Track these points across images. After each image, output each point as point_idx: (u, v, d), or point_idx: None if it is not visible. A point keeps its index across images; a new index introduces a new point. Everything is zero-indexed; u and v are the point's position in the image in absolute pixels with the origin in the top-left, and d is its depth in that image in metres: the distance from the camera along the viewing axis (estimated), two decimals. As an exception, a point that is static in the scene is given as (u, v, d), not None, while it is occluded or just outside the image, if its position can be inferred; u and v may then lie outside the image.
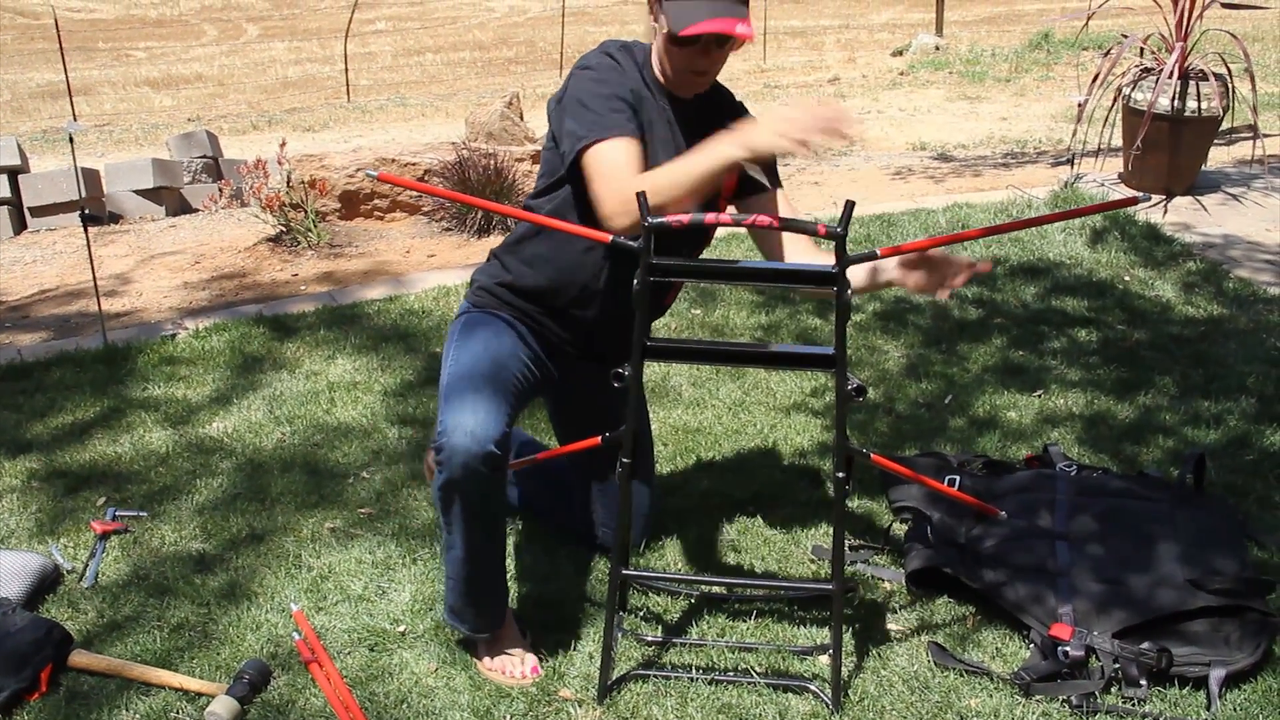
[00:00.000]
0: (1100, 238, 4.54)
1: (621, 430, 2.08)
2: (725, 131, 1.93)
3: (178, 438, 3.16)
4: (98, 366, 3.61)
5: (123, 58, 19.01)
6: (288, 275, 4.82)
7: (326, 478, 2.93)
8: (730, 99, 2.32)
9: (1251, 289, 4.05)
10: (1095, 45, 10.72)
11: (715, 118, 2.21)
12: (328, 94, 14.67)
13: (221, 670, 2.24)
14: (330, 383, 3.45)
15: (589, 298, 2.28)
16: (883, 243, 4.57)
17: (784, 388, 3.37)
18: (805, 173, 6.62)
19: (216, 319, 4.01)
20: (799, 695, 2.13)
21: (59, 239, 6.38)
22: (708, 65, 2.14)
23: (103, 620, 2.40)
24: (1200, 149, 5.08)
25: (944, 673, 2.18)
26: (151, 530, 2.72)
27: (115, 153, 10.23)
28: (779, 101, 1.85)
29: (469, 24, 22.09)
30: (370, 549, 2.61)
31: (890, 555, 2.56)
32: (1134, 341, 3.62)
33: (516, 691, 2.16)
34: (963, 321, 3.81)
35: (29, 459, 3.07)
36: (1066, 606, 2.25)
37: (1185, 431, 3.05)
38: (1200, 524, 2.45)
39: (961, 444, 3.02)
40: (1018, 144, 7.47)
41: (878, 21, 18.95)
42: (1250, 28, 11.46)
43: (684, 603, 2.42)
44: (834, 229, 1.89)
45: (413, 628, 2.35)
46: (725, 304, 3.98)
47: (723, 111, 2.27)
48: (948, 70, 11.55)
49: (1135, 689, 2.10)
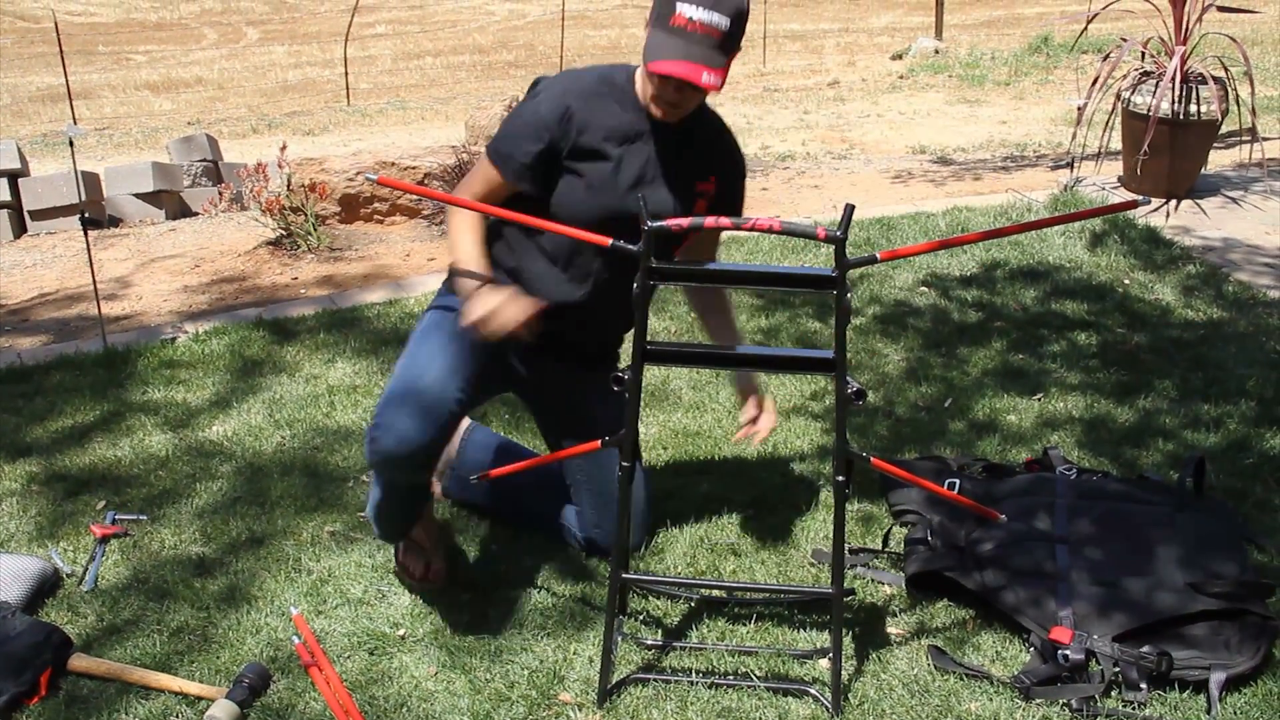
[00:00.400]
0: (1100, 241, 4.55)
1: (621, 434, 2.08)
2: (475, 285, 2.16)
3: (177, 441, 3.16)
4: (97, 370, 3.61)
5: (123, 61, 19.01)
6: (287, 279, 4.82)
7: (326, 481, 2.93)
8: (714, 132, 2.35)
9: (1251, 292, 4.05)
10: (1094, 49, 10.73)
11: (695, 147, 2.28)
12: (327, 97, 14.68)
13: (221, 674, 2.24)
14: (330, 386, 3.45)
15: (556, 310, 2.33)
16: (883, 246, 4.57)
17: (784, 391, 3.37)
18: (805, 176, 6.62)
19: (216, 322, 4.01)
20: (799, 699, 2.13)
21: (59, 242, 6.38)
22: (678, 100, 2.17)
23: (102, 624, 2.40)
24: (1200, 152, 5.08)
25: (944, 676, 2.18)
26: (151, 534, 2.72)
27: (115, 156, 10.24)
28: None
29: (469, 27, 22.11)
30: (370, 552, 2.61)
31: (890, 559, 2.56)
32: (1134, 345, 3.62)
33: (516, 695, 2.16)
34: (962, 325, 3.81)
35: (29, 462, 3.07)
36: (1066, 610, 2.25)
37: (1185, 435, 3.05)
38: (1200, 527, 2.45)
39: (961, 447, 3.02)
40: (1017, 147, 7.48)
41: (877, 25, 18.96)
42: (1249, 31, 11.47)
43: (684, 606, 2.42)
44: (834, 232, 1.89)
45: (412, 631, 2.35)
46: (725, 307, 3.98)
47: (706, 145, 2.32)
48: (947, 74, 11.56)
49: (1135, 692, 2.10)
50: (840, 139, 8.73)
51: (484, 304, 2.11)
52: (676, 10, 2.04)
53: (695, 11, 2.02)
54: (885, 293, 4.10)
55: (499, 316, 2.10)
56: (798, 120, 9.92)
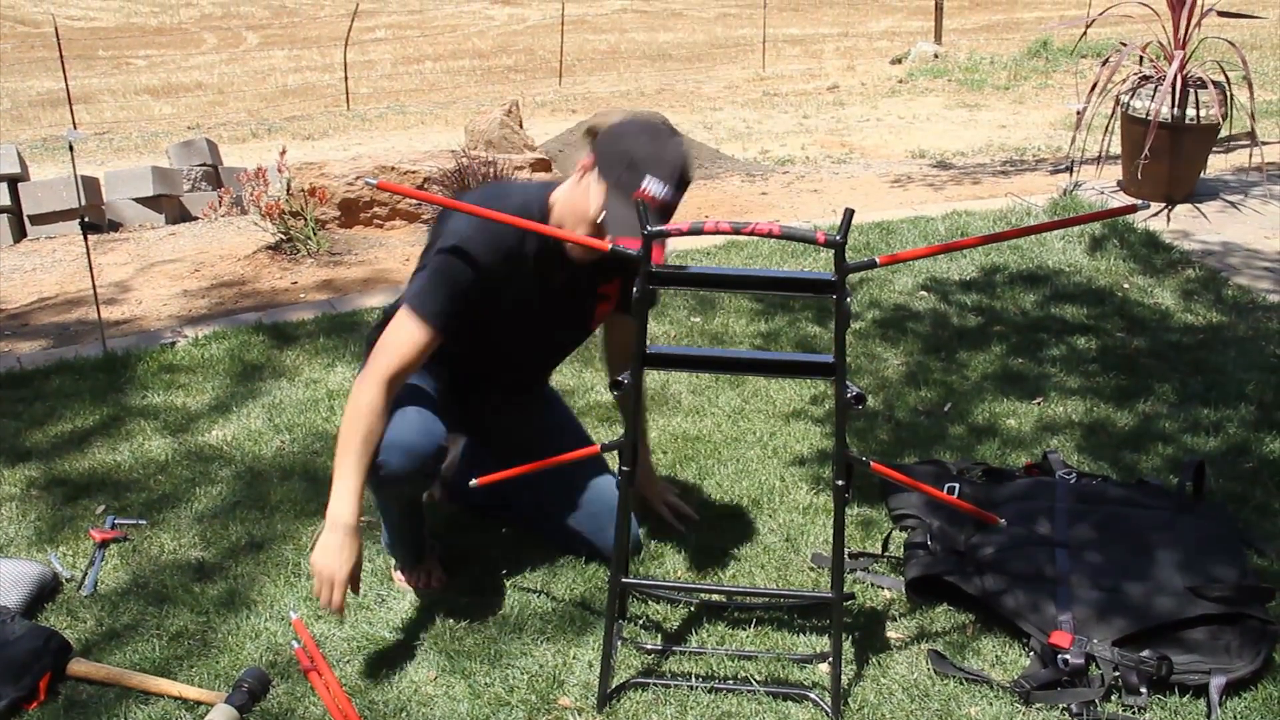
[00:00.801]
0: (1099, 245, 4.55)
1: (620, 439, 2.08)
2: (346, 530, 2.15)
3: (177, 446, 3.15)
4: (97, 374, 3.61)
5: (123, 66, 19.03)
6: (287, 283, 4.82)
7: (326, 486, 2.90)
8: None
9: (1250, 296, 4.05)
10: (1094, 53, 10.76)
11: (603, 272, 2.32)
12: (327, 102, 14.70)
13: (220, 679, 2.23)
14: (330, 390, 3.45)
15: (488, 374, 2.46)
16: (882, 251, 4.57)
17: (783, 395, 3.37)
18: (805, 180, 6.63)
19: (216, 327, 4.01)
20: (799, 703, 2.13)
21: (59, 247, 6.39)
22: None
23: (101, 628, 2.39)
24: (1199, 157, 5.09)
25: (944, 681, 2.18)
26: (151, 538, 2.72)
27: (115, 161, 10.24)
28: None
29: (468, 32, 22.13)
30: (369, 557, 2.61)
31: (889, 563, 2.56)
32: (1133, 349, 3.62)
33: (516, 699, 2.16)
34: (962, 329, 3.81)
35: (28, 467, 3.07)
36: (1066, 614, 2.24)
37: (1184, 439, 3.05)
38: (1200, 531, 2.45)
39: (961, 451, 3.02)
40: (1017, 151, 7.49)
41: (877, 29, 18.98)
42: (1248, 35, 11.48)
43: (683, 611, 2.41)
44: (833, 237, 1.89)
45: (412, 636, 2.35)
46: (724, 312, 3.99)
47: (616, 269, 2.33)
48: (946, 78, 11.58)
49: (1135, 697, 2.10)
50: (840, 143, 8.75)
51: (325, 558, 2.13)
52: (643, 186, 2.05)
53: (661, 190, 2.06)
54: (885, 297, 4.10)
55: (324, 580, 2.13)
56: (797, 124, 9.94)
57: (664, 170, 2.07)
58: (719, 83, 13.76)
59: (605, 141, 2.12)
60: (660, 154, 2.08)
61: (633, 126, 2.13)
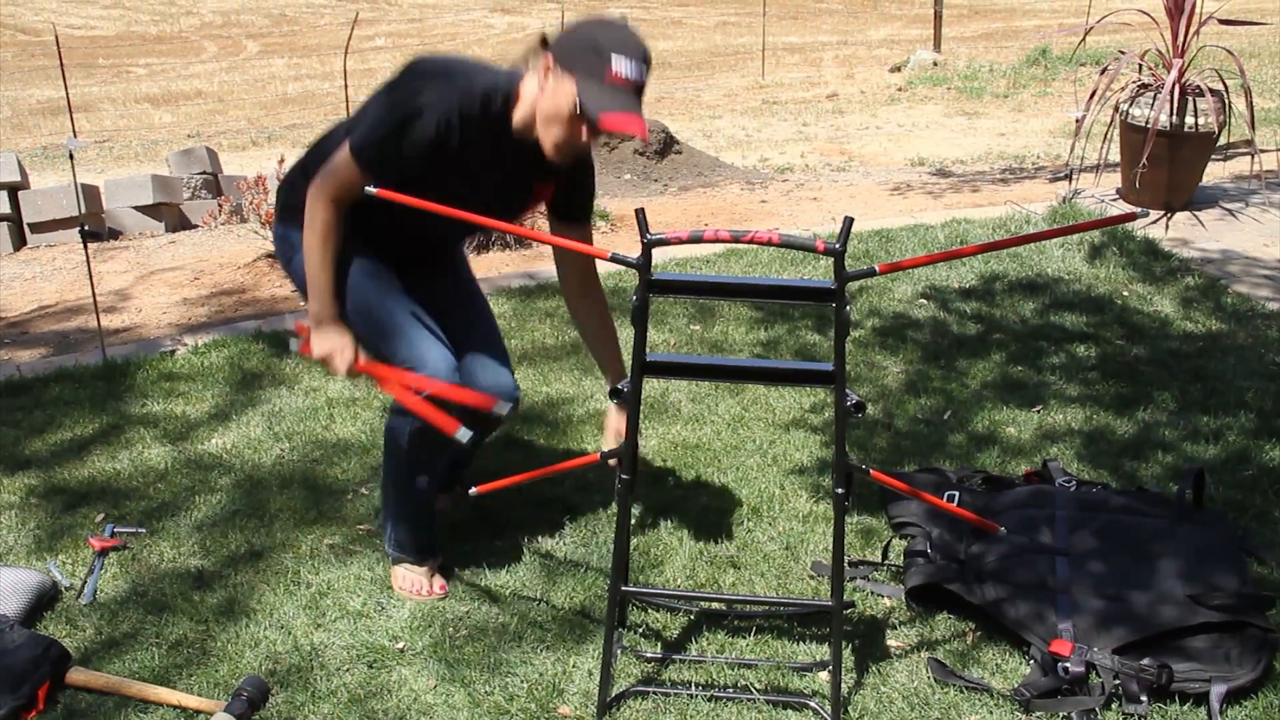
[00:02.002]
0: (1099, 253, 4.55)
1: (620, 447, 2.08)
2: (332, 321, 2.32)
3: (176, 454, 3.15)
4: (97, 383, 3.61)
5: (123, 74, 19.05)
6: (287, 291, 4.82)
7: (325, 494, 2.93)
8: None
9: (1250, 304, 4.05)
10: (1093, 61, 10.77)
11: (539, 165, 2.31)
12: (327, 110, 14.71)
13: (220, 687, 2.23)
14: (329, 399, 3.45)
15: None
16: (882, 259, 4.58)
17: (783, 404, 3.37)
18: (804, 188, 6.64)
19: (216, 335, 4.01)
20: (799, 712, 2.13)
21: (58, 255, 6.40)
22: (590, 146, 2.25)
23: (101, 637, 2.39)
24: (1198, 164, 5.09)
25: (944, 689, 2.18)
26: (150, 547, 2.71)
27: (115, 169, 10.25)
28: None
29: (468, 40, 22.16)
30: (369, 565, 2.61)
31: (890, 571, 2.56)
32: (1133, 357, 3.62)
33: (516, 708, 2.15)
34: (962, 337, 3.81)
35: (27, 475, 3.06)
36: (1066, 622, 2.24)
37: (1184, 447, 3.05)
38: (1200, 540, 2.45)
39: (961, 460, 3.02)
40: (1016, 159, 7.50)
41: (876, 38, 19.01)
42: (1247, 44, 11.50)
43: (683, 619, 2.41)
44: (833, 245, 1.89)
45: (411, 644, 2.34)
46: (724, 320, 3.99)
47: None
48: (946, 86, 11.59)
49: (1136, 705, 2.09)
50: (839, 151, 8.76)
51: (325, 345, 2.32)
52: (612, 68, 2.08)
53: (629, 69, 2.09)
54: (884, 305, 4.10)
55: (335, 361, 2.32)
56: (796, 132, 9.95)
57: (629, 48, 2.09)
58: (718, 90, 13.77)
59: (562, 39, 2.15)
60: (621, 35, 2.11)
61: (585, 21, 2.16)
